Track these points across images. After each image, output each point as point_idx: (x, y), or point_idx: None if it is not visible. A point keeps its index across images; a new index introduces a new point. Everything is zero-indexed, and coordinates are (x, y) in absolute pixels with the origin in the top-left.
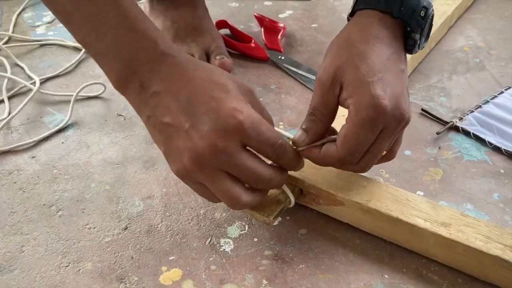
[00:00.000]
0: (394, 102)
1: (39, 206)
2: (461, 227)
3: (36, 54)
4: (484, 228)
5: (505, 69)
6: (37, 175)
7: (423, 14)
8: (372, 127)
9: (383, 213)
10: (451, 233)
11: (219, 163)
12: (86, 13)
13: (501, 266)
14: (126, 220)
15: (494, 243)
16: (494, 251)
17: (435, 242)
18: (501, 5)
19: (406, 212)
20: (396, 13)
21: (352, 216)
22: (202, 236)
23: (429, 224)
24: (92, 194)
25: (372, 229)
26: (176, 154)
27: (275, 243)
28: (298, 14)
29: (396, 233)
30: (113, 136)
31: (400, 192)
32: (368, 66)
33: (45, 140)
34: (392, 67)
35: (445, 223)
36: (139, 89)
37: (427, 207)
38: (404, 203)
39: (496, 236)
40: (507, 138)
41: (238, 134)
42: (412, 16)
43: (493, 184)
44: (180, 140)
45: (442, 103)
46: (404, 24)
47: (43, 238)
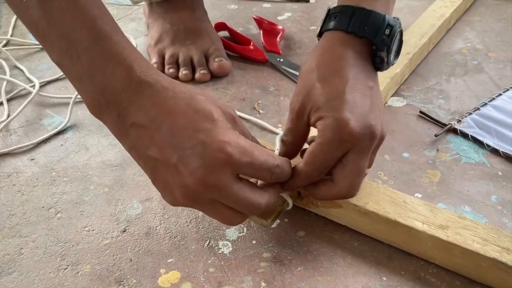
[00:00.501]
0: (361, 121)
1: (38, 209)
2: (459, 229)
3: (36, 57)
4: (482, 231)
5: (503, 72)
6: (36, 178)
7: (388, 32)
8: (338, 147)
9: (381, 215)
10: (448, 236)
11: (211, 196)
12: (60, 33)
13: (498, 269)
14: (125, 223)
15: (491, 246)
16: (491, 253)
17: (432, 245)
18: (499, 7)
19: (403, 215)
20: (361, 33)
21: (350, 218)
22: (200, 239)
23: (426, 226)
24: (91, 196)
25: (370, 231)
26: (166, 187)
27: (274, 246)
28: (297, 16)
29: (393, 235)
30: (111, 138)
31: (398, 194)
32: (332, 89)
33: (44, 143)
34: (358, 85)
35: (443, 225)
36: (116, 119)
37: (425, 210)
38: (402, 205)
39: (493, 238)
40: (505, 140)
41: (229, 167)
42: (376, 35)
43: (491, 187)
44: (168, 174)
45: (440, 106)
46: (369, 43)
47: (42, 240)
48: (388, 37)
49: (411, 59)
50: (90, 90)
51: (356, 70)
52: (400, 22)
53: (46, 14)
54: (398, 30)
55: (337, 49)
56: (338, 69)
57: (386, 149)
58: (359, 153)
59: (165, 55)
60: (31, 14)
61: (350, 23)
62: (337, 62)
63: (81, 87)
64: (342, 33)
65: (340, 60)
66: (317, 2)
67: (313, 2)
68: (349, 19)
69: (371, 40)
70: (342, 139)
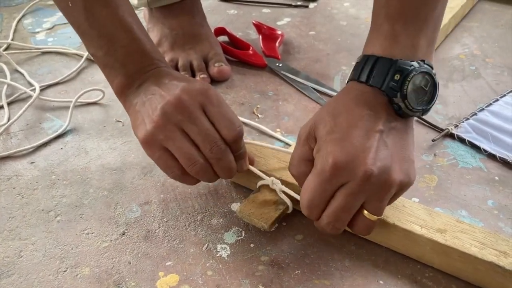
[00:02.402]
0: (352, 159)
1: (37, 212)
2: (457, 233)
3: (36, 61)
4: (479, 235)
5: (500, 77)
6: (35, 181)
7: (398, 77)
8: (328, 180)
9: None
10: (446, 240)
11: (181, 119)
12: (100, 33)
13: (495, 272)
14: (124, 226)
15: (489, 249)
16: (489, 257)
17: (431, 248)
18: (497, 13)
19: (402, 218)
20: (369, 82)
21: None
22: (199, 242)
23: (425, 230)
24: (90, 199)
25: (369, 235)
26: (148, 116)
27: (272, 249)
28: (296, 21)
29: (392, 239)
30: (111, 142)
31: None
32: (336, 124)
33: (44, 146)
34: (363, 125)
35: (441, 229)
36: (135, 90)
37: (423, 214)
38: (400, 209)
39: (491, 242)
40: (502, 145)
41: (202, 96)
42: (383, 82)
43: (488, 191)
44: (156, 102)
45: (438, 111)
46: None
47: (41, 243)
48: (398, 82)
49: None
50: (120, 76)
51: (366, 112)
52: (422, 65)
53: (88, 18)
54: (414, 74)
55: (354, 92)
56: (348, 108)
57: None
58: (346, 189)
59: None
60: (75, 16)
61: (360, 73)
62: (350, 102)
63: (112, 72)
64: (356, 82)
65: (353, 101)
66: (316, 7)
67: (312, 8)
68: (361, 69)
69: (379, 88)
70: (330, 172)
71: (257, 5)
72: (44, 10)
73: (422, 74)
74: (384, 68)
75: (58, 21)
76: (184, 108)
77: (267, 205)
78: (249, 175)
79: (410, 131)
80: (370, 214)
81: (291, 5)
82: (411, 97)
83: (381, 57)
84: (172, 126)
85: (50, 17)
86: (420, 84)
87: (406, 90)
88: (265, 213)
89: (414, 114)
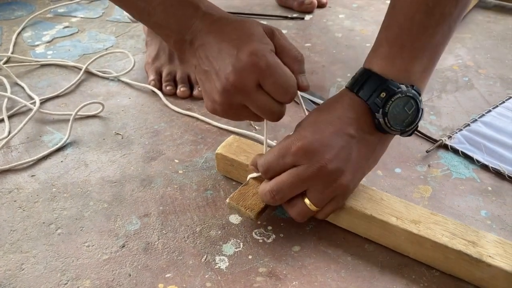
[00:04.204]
0: (316, 149)
1: (38, 225)
2: (430, 224)
3: (36, 74)
4: (451, 226)
5: (493, 88)
6: (36, 194)
7: (384, 95)
8: (288, 155)
9: (359, 210)
10: (420, 230)
11: (239, 99)
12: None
13: (464, 260)
14: (124, 238)
15: (458, 239)
16: (458, 246)
17: (405, 238)
18: (489, 25)
19: (380, 210)
20: (358, 93)
21: (332, 214)
22: (198, 254)
23: (400, 221)
24: (90, 212)
25: (349, 225)
26: (209, 93)
27: (269, 260)
28: (292, 33)
29: (370, 229)
30: (111, 154)
31: (376, 192)
32: (317, 119)
33: (44, 159)
34: (339, 125)
35: (415, 220)
36: (189, 45)
37: (400, 206)
38: (379, 202)
39: (461, 233)
40: (494, 156)
41: (255, 74)
42: (369, 96)
43: (481, 201)
44: (212, 82)
45: (432, 122)
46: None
47: (43, 256)
48: (382, 100)
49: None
50: (169, 32)
51: (347, 117)
52: (410, 90)
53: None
54: (399, 96)
55: (339, 99)
56: (333, 109)
57: (378, 165)
58: (298, 170)
59: (163, 73)
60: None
61: (354, 83)
62: (336, 105)
63: (162, 31)
64: (349, 91)
65: (339, 106)
66: (311, 19)
67: (308, 20)
68: (355, 80)
69: (365, 100)
70: (285, 149)
71: (254, 17)
72: (43, 23)
73: (407, 98)
74: (374, 84)
75: (57, 34)
76: (239, 91)
77: (255, 197)
78: (240, 169)
79: (382, 148)
80: (310, 203)
81: (287, 17)
82: (391, 116)
83: (375, 74)
84: (232, 104)
85: (49, 30)
86: (403, 106)
87: (388, 108)
88: (252, 204)
89: (392, 132)
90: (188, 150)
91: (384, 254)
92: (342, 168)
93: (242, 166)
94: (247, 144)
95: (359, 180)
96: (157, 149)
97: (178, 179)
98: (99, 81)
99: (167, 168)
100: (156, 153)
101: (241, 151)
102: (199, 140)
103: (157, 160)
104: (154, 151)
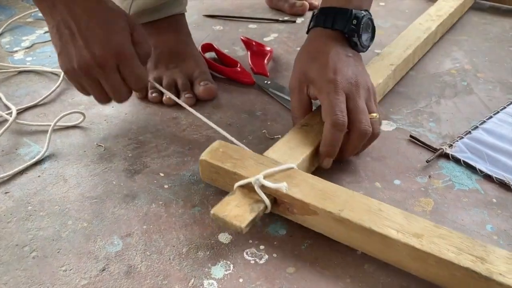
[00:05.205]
0: (343, 76)
1: (11, 247)
2: (434, 238)
3: (14, 81)
4: (457, 240)
5: (493, 93)
6: (10, 213)
7: (355, 22)
8: (335, 93)
9: (355, 223)
10: (423, 245)
11: (96, 73)
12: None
13: (472, 278)
14: (104, 261)
15: (465, 255)
16: (465, 262)
17: (407, 254)
18: (485, 26)
19: (378, 223)
20: (334, 27)
21: (326, 226)
22: (184, 278)
23: (401, 235)
24: (68, 232)
25: (345, 239)
26: (67, 57)
27: (262, 284)
28: (283, 37)
29: (368, 243)
30: (91, 168)
31: (374, 202)
32: (319, 64)
33: (20, 174)
34: (338, 56)
35: (418, 234)
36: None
37: (400, 218)
38: (377, 213)
39: (468, 247)
40: (498, 165)
41: (117, 59)
42: (345, 26)
43: (486, 215)
44: (73, 48)
45: (431, 129)
46: (342, 32)
47: (14, 282)
48: (356, 26)
49: (394, 71)
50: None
51: (334, 49)
52: (368, 14)
53: None
54: (364, 20)
55: (320, 39)
56: (321, 50)
57: (377, 176)
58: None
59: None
60: None
61: (325, 21)
62: (320, 46)
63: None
64: (321, 28)
65: (323, 45)
66: (303, 22)
67: (299, 23)
68: (324, 18)
69: (342, 30)
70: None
71: (244, 21)
72: (23, 27)
73: (368, 20)
74: (344, 16)
75: (38, 40)
76: (99, 66)
77: (243, 207)
78: (226, 177)
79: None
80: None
81: (278, 20)
82: (363, 36)
83: (340, 8)
84: (87, 76)
85: (29, 35)
86: (366, 27)
87: (361, 31)
88: (239, 215)
89: (364, 50)
90: (175, 163)
91: (385, 276)
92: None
93: (229, 173)
94: (233, 149)
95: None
96: (141, 161)
97: (164, 194)
98: None
99: (151, 182)
100: (140, 166)
101: (227, 158)
102: (186, 152)
103: (141, 174)
104: (137, 164)
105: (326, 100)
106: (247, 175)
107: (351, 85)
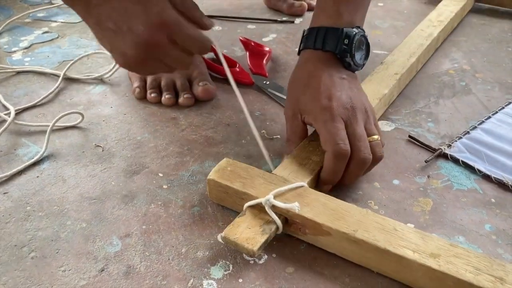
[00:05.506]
0: (338, 101)
1: (9, 247)
2: (451, 258)
3: (12, 82)
4: (474, 259)
5: (491, 93)
6: (8, 213)
7: (347, 42)
8: (332, 121)
9: (370, 243)
10: (440, 265)
11: (154, 55)
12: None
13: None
14: (103, 261)
15: (484, 275)
16: (484, 283)
17: (424, 274)
18: (484, 27)
19: (394, 243)
20: (324, 48)
21: (339, 246)
22: (183, 278)
23: (417, 255)
24: (67, 232)
25: (360, 260)
26: (120, 49)
27: (261, 284)
28: (282, 37)
29: (384, 264)
30: (90, 168)
31: (388, 221)
32: (312, 90)
33: (18, 174)
34: (331, 80)
35: (434, 254)
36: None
37: (416, 237)
38: (392, 233)
39: (486, 267)
40: (496, 165)
41: (166, 31)
42: (336, 47)
43: (485, 215)
44: (123, 39)
45: (429, 129)
46: (334, 53)
47: (13, 283)
48: (347, 45)
49: (399, 80)
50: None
51: (327, 72)
52: (360, 30)
53: None
54: (357, 38)
55: (311, 62)
56: (313, 75)
57: (375, 176)
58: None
59: (147, 80)
60: None
61: (315, 42)
62: (312, 71)
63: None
64: (312, 50)
65: (314, 69)
66: (301, 22)
67: (298, 23)
68: (314, 39)
69: (333, 52)
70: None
71: (242, 21)
72: (21, 28)
73: (361, 37)
74: (335, 35)
75: (36, 40)
76: (153, 47)
77: (254, 228)
78: (236, 197)
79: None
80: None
81: (276, 20)
82: (356, 56)
83: (330, 28)
84: (147, 61)
85: (27, 36)
86: (359, 45)
87: (353, 50)
88: (251, 238)
89: (359, 68)
90: (174, 163)
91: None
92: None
93: (238, 193)
94: (241, 168)
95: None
96: (140, 162)
97: (163, 194)
98: (80, 90)
99: (150, 182)
100: (139, 167)
101: (236, 177)
102: (185, 152)
103: (140, 174)
104: (136, 164)
105: (323, 130)
106: (257, 195)
107: (347, 110)
